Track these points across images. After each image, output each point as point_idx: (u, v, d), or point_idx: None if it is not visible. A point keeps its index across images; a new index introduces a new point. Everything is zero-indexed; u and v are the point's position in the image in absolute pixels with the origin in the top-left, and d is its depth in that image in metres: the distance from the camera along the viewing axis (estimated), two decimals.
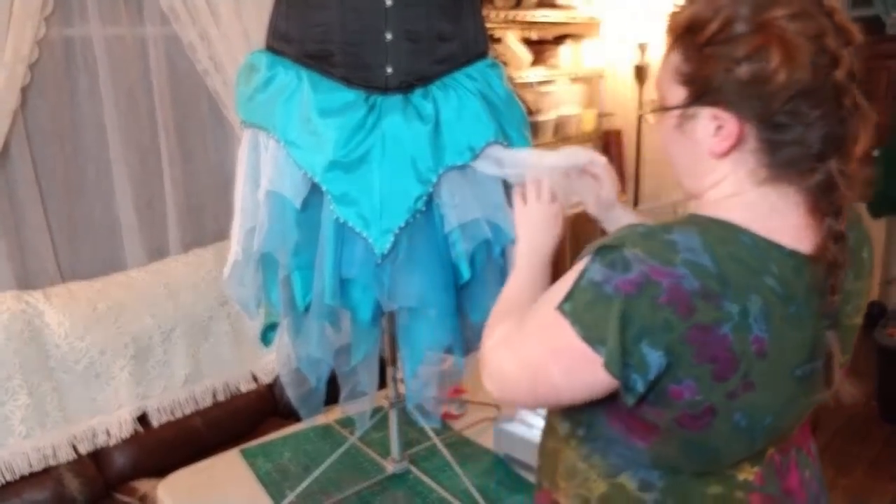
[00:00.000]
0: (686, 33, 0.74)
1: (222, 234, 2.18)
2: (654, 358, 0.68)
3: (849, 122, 0.71)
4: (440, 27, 1.14)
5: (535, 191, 1.04)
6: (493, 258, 1.20)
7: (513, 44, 3.26)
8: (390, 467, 1.51)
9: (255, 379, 2.27)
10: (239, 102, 1.21)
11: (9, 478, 1.79)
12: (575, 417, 0.86)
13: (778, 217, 0.73)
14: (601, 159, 1.07)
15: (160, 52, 2.24)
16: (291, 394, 1.29)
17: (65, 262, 2.14)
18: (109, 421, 1.96)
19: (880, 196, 3.78)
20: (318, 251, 1.14)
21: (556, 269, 0.96)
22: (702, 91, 0.73)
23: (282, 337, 1.28)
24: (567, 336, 0.72)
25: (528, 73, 3.30)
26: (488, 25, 3.15)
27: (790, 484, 0.83)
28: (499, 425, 1.53)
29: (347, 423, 1.66)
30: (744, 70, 0.70)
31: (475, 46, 1.20)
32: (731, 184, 0.76)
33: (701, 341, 0.68)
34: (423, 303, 1.15)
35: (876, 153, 3.73)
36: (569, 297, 0.72)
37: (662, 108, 0.79)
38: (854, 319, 0.80)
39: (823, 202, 0.72)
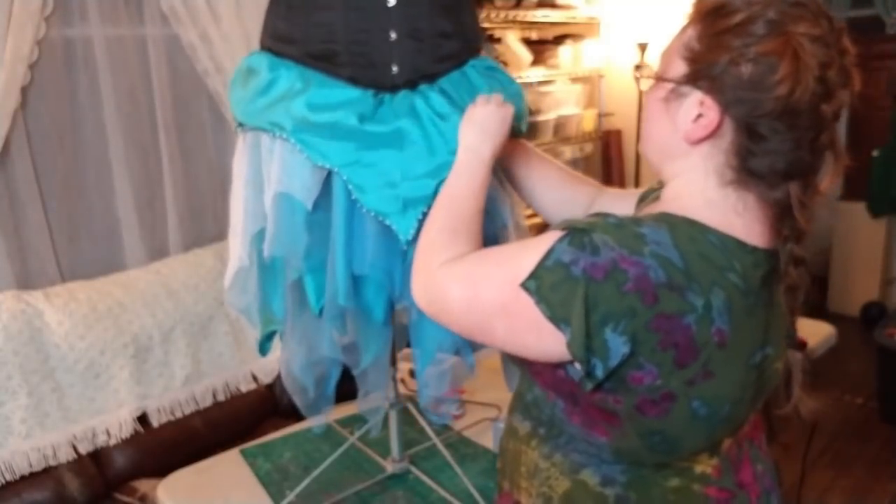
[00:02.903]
0: (710, 14, 0.75)
1: (222, 235, 2.17)
2: (618, 344, 0.69)
3: (820, 156, 0.73)
4: (442, 25, 1.14)
5: (486, 98, 1.04)
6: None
7: (513, 44, 3.26)
8: (390, 467, 1.51)
9: (255, 379, 2.27)
10: (236, 106, 1.19)
11: (9, 478, 1.79)
12: (536, 417, 0.87)
13: (737, 217, 0.75)
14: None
15: (160, 52, 2.24)
16: (298, 400, 1.27)
17: (65, 262, 2.14)
18: (109, 421, 1.96)
19: (880, 196, 3.78)
20: (329, 252, 1.14)
21: None
22: (701, 74, 0.74)
23: (285, 342, 1.27)
24: (529, 312, 0.72)
25: (528, 73, 3.30)
26: (488, 25, 3.16)
27: (744, 477, 0.85)
28: (499, 425, 1.53)
29: (347, 423, 1.66)
30: (748, 69, 0.71)
31: (475, 43, 1.21)
32: (695, 179, 0.77)
33: (665, 329, 0.69)
34: None
35: (876, 153, 3.73)
36: (533, 275, 0.73)
37: (659, 77, 0.80)
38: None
39: (781, 221, 0.74)
